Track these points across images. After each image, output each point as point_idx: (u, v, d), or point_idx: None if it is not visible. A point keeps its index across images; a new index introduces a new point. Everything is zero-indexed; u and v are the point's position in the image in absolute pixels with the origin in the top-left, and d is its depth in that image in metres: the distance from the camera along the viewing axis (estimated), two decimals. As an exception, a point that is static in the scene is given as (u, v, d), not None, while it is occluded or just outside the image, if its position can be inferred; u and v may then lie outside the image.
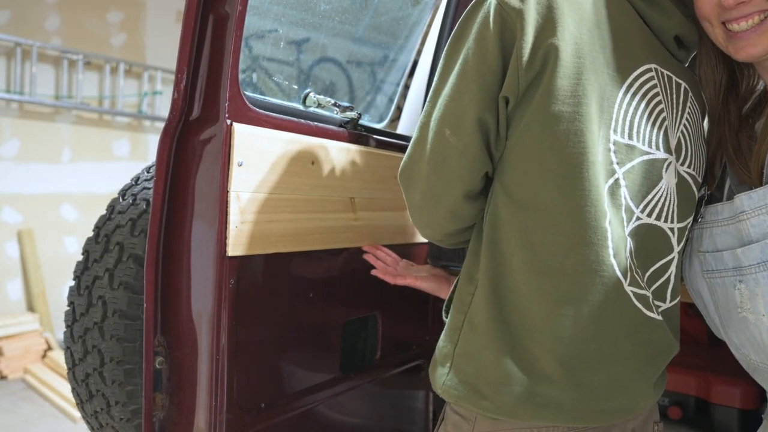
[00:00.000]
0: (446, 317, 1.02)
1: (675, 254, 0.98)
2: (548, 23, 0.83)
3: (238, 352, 1.13)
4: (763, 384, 1.00)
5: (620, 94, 0.89)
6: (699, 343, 2.12)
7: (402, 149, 1.52)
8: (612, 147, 0.88)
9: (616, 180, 0.88)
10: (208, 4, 1.08)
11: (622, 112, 0.89)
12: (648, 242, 0.93)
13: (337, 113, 1.40)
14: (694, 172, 1.00)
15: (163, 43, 4.97)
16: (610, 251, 0.87)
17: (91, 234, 1.31)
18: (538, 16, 0.83)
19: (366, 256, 1.40)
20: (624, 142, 0.89)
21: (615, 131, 0.88)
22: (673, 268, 0.98)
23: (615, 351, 0.90)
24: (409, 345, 1.67)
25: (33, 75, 4.15)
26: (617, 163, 0.88)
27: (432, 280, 1.33)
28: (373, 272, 1.37)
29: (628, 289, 0.89)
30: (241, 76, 1.11)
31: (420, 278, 1.33)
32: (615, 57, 0.89)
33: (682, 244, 0.99)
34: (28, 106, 4.24)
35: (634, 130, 0.90)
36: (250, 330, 1.16)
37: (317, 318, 1.36)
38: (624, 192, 0.89)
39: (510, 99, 0.86)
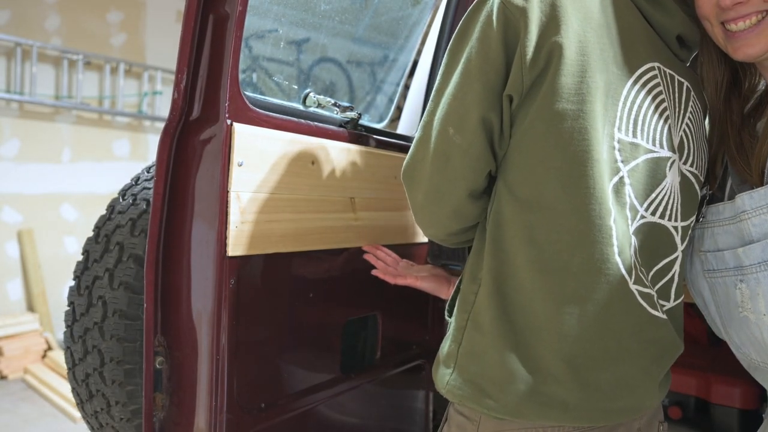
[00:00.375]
0: (449, 317, 1.01)
1: (678, 253, 0.98)
2: (552, 21, 0.83)
3: (238, 352, 1.13)
4: (763, 383, 1.00)
5: (624, 92, 0.89)
6: (699, 343, 2.12)
7: (402, 149, 1.52)
8: (616, 145, 0.87)
9: (621, 178, 0.88)
10: (208, 4, 1.08)
11: (626, 110, 0.89)
12: (652, 241, 0.93)
13: (337, 113, 1.40)
14: (696, 171, 1.00)
15: (163, 43, 4.97)
16: (615, 249, 0.86)
17: (91, 234, 1.31)
18: (541, 14, 0.83)
19: (366, 256, 1.40)
20: (628, 140, 0.89)
21: (619, 129, 0.88)
22: (676, 267, 0.98)
23: (621, 349, 0.89)
24: (409, 345, 1.67)
25: (33, 75, 4.15)
26: (622, 161, 0.88)
27: (432, 280, 1.33)
28: (374, 272, 1.37)
29: (633, 287, 0.89)
30: (241, 76, 1.11)
31: (420, 278, 1.33)
32: (620, 55, 0.88)
33: (686, 242, 0.99)
34: (28, 106, 4.24)
35: (638, 128, 0.90)
36: (250, 330, 1.16)
37: (317, 318, 1.36)
38: (628, 190, 0.89)
39: (514, 97, 0.86)
